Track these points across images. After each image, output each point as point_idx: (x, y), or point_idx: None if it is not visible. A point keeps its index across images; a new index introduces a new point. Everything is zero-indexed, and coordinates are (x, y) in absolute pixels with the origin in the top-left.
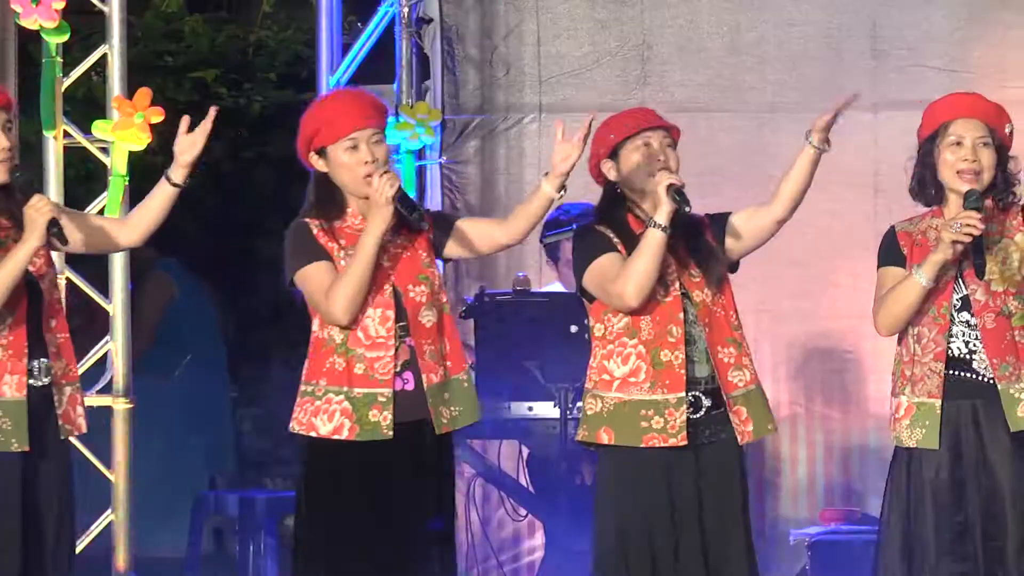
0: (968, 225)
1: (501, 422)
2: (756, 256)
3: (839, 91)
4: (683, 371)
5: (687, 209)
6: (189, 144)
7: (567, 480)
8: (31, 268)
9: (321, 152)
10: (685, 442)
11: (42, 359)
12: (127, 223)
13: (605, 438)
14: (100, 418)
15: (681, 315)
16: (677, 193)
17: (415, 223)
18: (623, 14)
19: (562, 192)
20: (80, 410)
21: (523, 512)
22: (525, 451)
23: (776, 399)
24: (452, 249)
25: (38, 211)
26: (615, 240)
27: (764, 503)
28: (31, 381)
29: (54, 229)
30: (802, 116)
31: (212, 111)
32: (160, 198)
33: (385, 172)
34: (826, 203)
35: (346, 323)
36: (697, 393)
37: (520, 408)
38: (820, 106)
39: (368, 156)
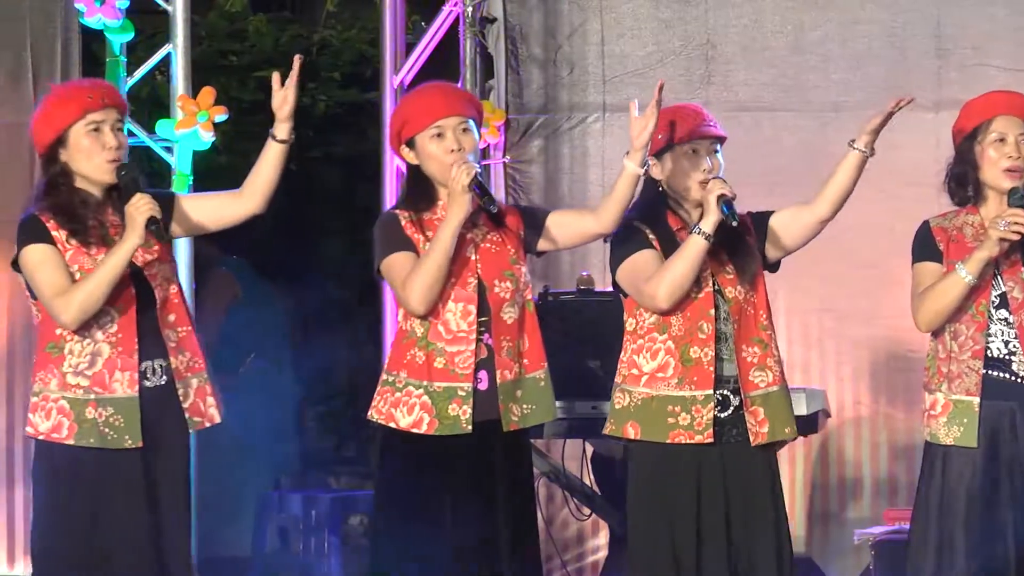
0: (1017, 223)
1: (565, 421)
2: (820, 256)
3: (902, 90)
4: (712, 368)
5: (734, 224)
6: (282, 99)
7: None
8: (139, 264)
9: (410, 143)
10: (711, 439)
11: (157, 360)
12: (244, 192)
13: (632, 432)
14: None
15: (712, 312)
16: (727, 205)
17: (488, 210)
18: (687, 13)
19: (646, 166)
20: (211, 400)
21: (587, 511)
22: (589, 450)
23: (840, 399)
24: (545, 244)
25: (137, 209)
26: (651, 237)
27: (828, 503)
28: (145, 382)
29: (152, 227)
30: (866, 115)
31: (297, 60)
32: (270, 158)
33: (462, 162)
34: (888, 202)
35: (422, 313)
36: (725, 392)
37: (584, 407)
38: (883, 105)
39: (454, 144)
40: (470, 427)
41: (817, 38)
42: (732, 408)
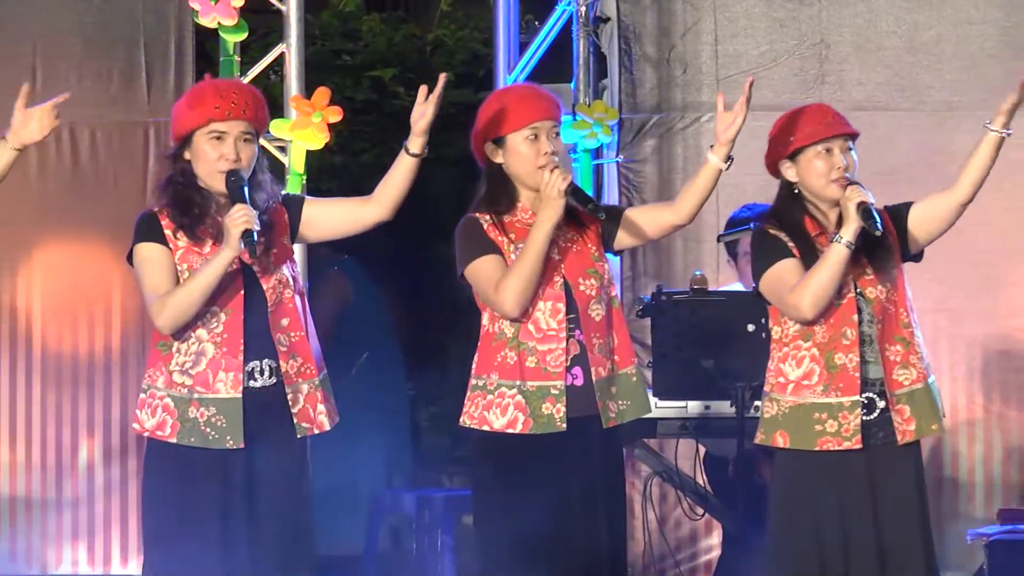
0: None
1: (678, 421)
2: (935, 255)
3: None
4: (857, 374)
5: (877, 233)
6: (420, 113)
7: (744, 479)
8: (256, 268)
9: (499, 142)
10: (859, 445)
11: (265, 360)
12: (373, 199)
13: (780, 441)
14: None
15: (855, 317)
16: (866, 213)
17: (595, 215)
18: (801, 13)
19: (729, 162)
20: (322, 408)
21: (700, 511)
22: (702, 450)
23: (954, 398)
24: (623, 240)
25: (233, 222)
26: (790, 244)
27: (941, 502)
28: (250, 383)
29: (246, 239)
30: (980, 115)
31: (442, 78)
32: (401, 170)
33: (556, 167)
34: (1003, 201)
35: (516, 316)
36: (871, 395)
37: (697, 407)
38: (998, 105)
39: (548, 147)
40: (564, 425)
41: (931, 38)
42: (878, 411)
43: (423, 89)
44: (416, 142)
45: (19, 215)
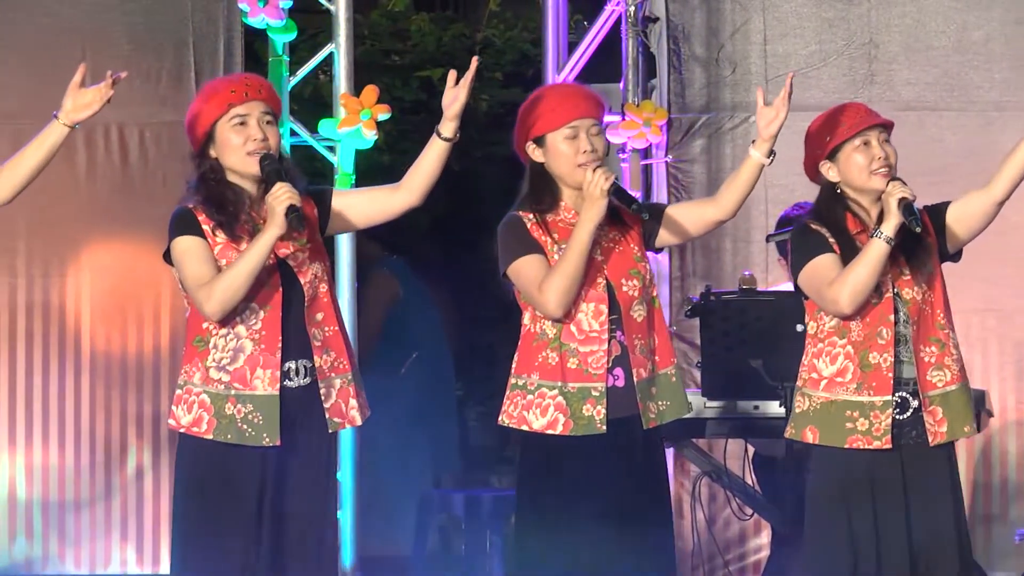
0: None
1: (727, 421)
2: (981, 255)
3: None
4: (891, 374)
5: (917, 229)
6: (452, 97)
7: (793, 479)
8: (289, 260)
9: (539, 141)
10: (889, 445)
11: (302, 360)
12: (402, 186)
13: (810, 437)
14: None
15: (892, 316)
16: (907, 208)
17: (638, 215)
18: (850, 12)
19: (771, 157)
20: (354, 403)
21: (749, 511)
22: (751, 450)
23: (1003, 398)
24: (664, 238)
25: (276, 199)
26: (831, 240)
27: (990, 503)
28: (287, 383)
29: (292, 215)
30: None
31: (474, 62)
32: (432, 154)
33: (599, 166)
34: None
35: (559, 316)
36: (904, 394)
37: (746, 407)
38: None
39: (587, 146)
40: (604, 427)
41: (980, 37)
42: (911, 410)
43: (453, 73)
44: (448, 126)
45: (68, 215)
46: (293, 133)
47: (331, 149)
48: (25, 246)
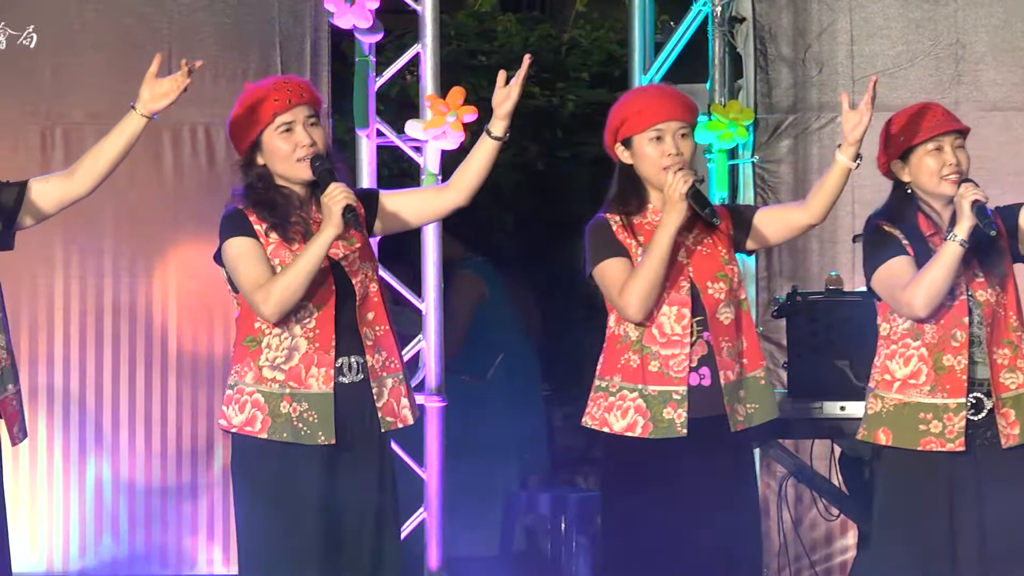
0: None
1: (813, 421)
2: None
3: None
4: (964, 376)
5: (992, 233)
6: (504, 96)
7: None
8: (340, 260)
9: (627, 143)
10: (963, 447)
11: (354, 357)
12: (450, 185)
13: (883, 439)
14: None
15: (966, 319)
16: (980, 211)
17: (708, 220)
18: (936, 13)
19: (858, 160)
20: (405, 402)
21: (835, 512)
22: (837, 450)
23: None
24: (755, 241)
25: (332, 199)
26: (904, 242)
27: None
28: (340, 379)
29: (349, 215)
30: None
31: (526, 60)
32: (481, 154)
33: (680, 168)
34: None
35: (639, 320)
36: (979, 395)
37: (832, 407)
38: None
39: (672, 148)
40: (685, 430)
41: None
42: (985, 411)
43: (503, 74)
44: (499, 125)
45: (155, 215)
46: (379, 134)
47: (417, 149)
48: (112, 246)
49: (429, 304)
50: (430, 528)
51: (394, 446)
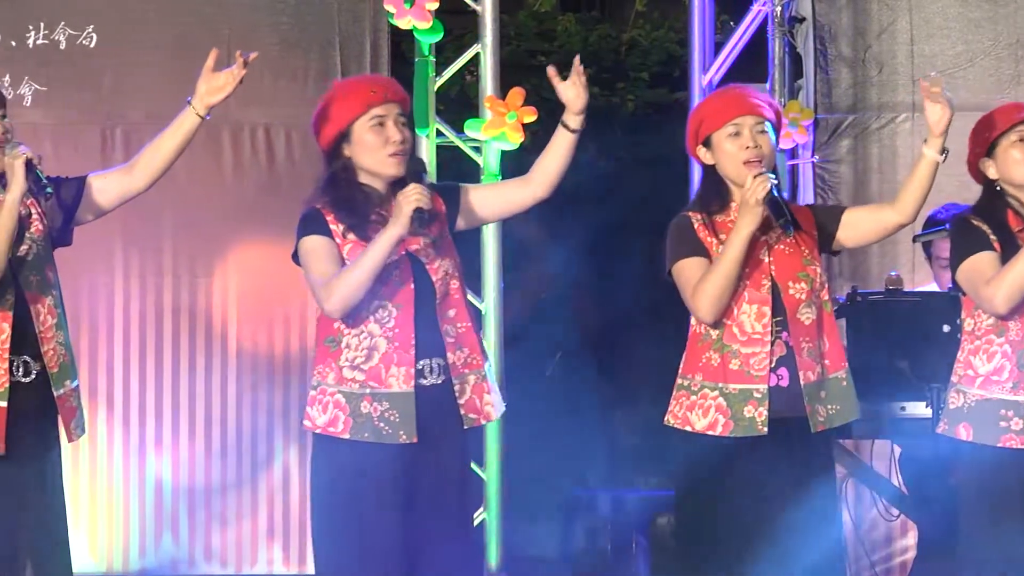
0: None
1: (873, 421)
2: None
3: None
4: None
5: None
6: (576, 92)
7: (940, 480)
8: (424, 261)
9: (707, 142)
10: None
11: (435, 358)
12: (530, 180)
13: (964, 434)
14: None
15: None
16: None
17: (783, 230)
18: (996, 13)
19: (944, 154)
20: (488, 398)
21: (895, 512)
22: (897, 450)
23: None
24: (843, 241)
25: (406, 198)
26: (992, 237)
27: None
28: (421, 381)
29: (418, 216)
30: None
31: (577, 59)
32: (559, 146)
33: (760, 174)
34: None
35: (710, 320)
36: None
37: (892, 408)
38: None
39: (750, 142)
40: (765, 429)
41: None
42: None
43: (552, 69)
44: (575, 119)
45: (214, 215)
46: (439, 133)
47: (477, 149)
48: (172, 246)
49: (489, 303)
50: (490, 528)
51: None
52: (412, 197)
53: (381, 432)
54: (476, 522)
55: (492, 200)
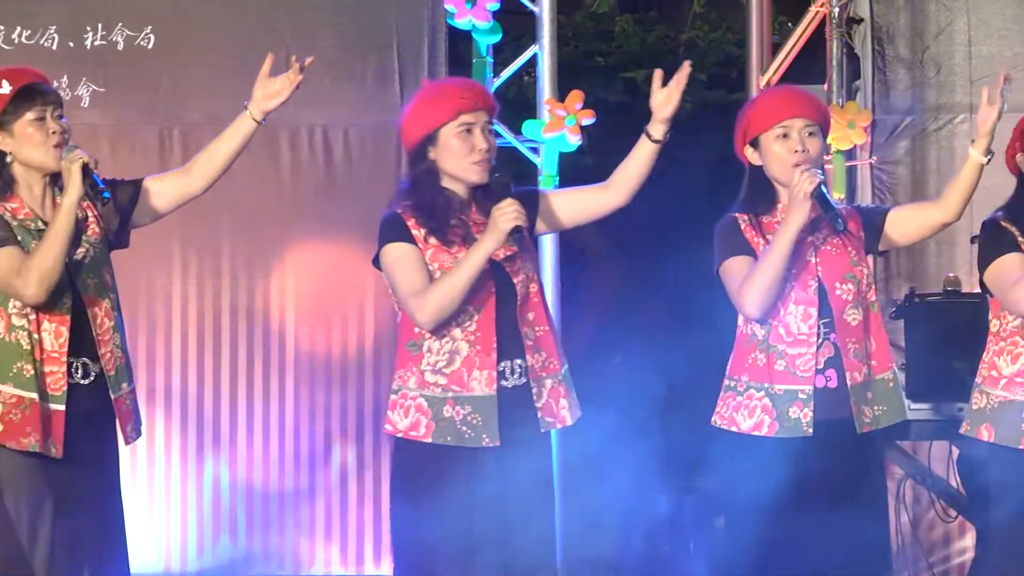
0: None
1: (931, 423)
2: None
3: None
4: None
5: None
6: (665, 99)
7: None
8: (501, 260)
9: (755, 143)
10: None
11: (516, 360)
12: (610, 187)
13: (985, 435)
14: None
15: None
16: None
17: (833, 226)
18: None
19: (990, 156)
20: (564, 402)
21: (953, 513)
22: (955, 452)
23: None
24: (888, 241)
25: (503, 215)
26: (1020, 238)
27: None
28: (503, 382)
29: (516, 235)
30: None
31: (686, 65)
32: (641, 156)
33: (806, 168)
34: None
35: (756, 316)
36: None
37: (950, 409)
38: None
39: (799, 145)
40: (811, 430)
41: None
42: None
43: (659, 73)
44: (659, 128)
45: (272, 217)
46: (497, 135)
47: (534, 150)
48: (229, 247)
49: (549, 302)
50: None
51: None
52: (510, 215)
53: (463, 436)
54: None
55: (571, 207)
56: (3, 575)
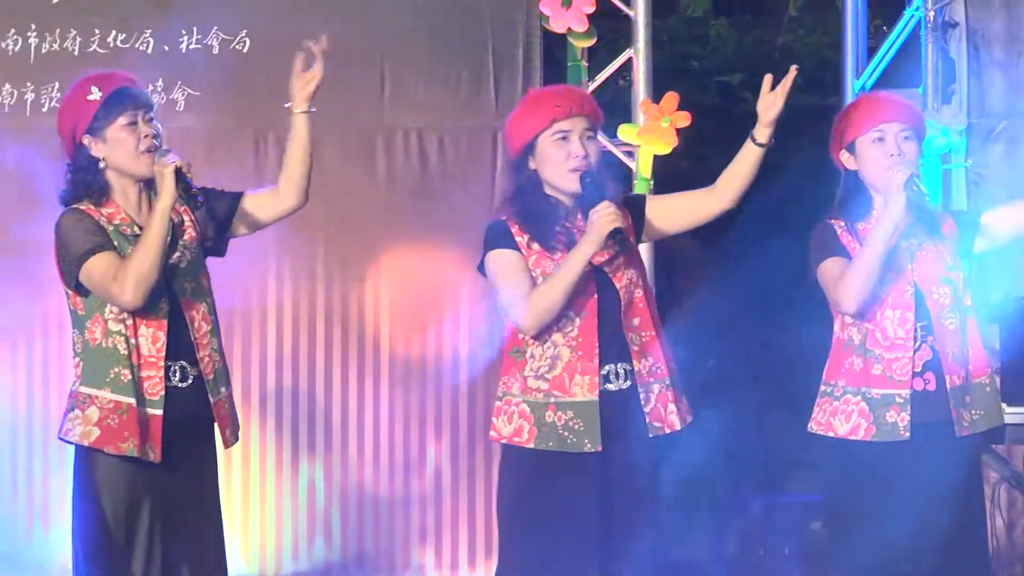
0: None
1: None
2: None
3: None
4: None
5: None
6: (770, 103)
7: None
8: (607, 269)
9: (851, 148)
10: None
11: (621, 364)
12: (715, 191)
13: None
14: None
15: None
16: None
17: (922, 202)
18: None
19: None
20: (673, 407)
21: None
22: None
23: None
24: (982, 243)
25: (600, 218)
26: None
27: None
28: (607, 386)
29: (617, 237)
30: None
31: (792, 70)
32: (746, 160)
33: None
34: None
35: (853, 310)
36: None
37: None
38: None
39: (895, 149)
40: (908, 434)
41: None
42: None
43: (768, 78)
44: (763, 132)
45: (367, 220)
46: None
47: (629, 154)
48: (324, 251)
49: None
50: None
51: None
52: (607, 218)
53: (565, 441)
54: None
55: (677, 211)
56: None
